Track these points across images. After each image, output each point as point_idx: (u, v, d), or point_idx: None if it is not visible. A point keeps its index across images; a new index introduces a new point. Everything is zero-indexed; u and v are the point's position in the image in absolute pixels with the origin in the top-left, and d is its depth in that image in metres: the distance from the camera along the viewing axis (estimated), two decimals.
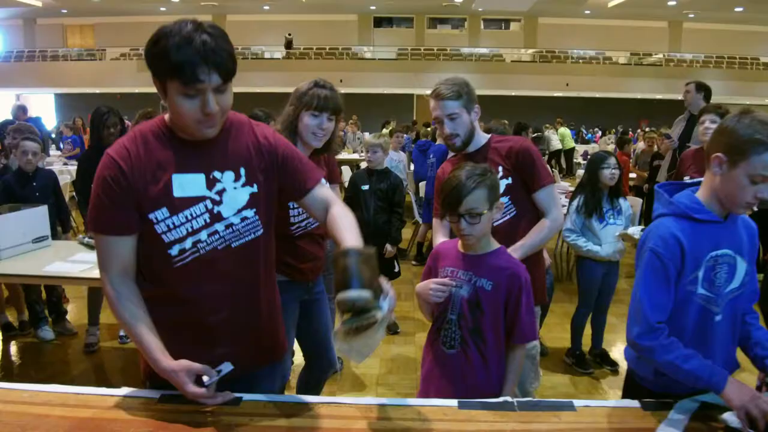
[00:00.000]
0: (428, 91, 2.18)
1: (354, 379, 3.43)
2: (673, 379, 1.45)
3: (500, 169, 2.12)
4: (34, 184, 3.76)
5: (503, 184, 2.10)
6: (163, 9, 19.48)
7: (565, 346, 3.69)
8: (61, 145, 11.25)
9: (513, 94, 21.05)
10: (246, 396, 1.46)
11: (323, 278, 2.39)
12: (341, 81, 15.03)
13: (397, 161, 6.24)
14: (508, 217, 2.15)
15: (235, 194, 1.45)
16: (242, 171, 1.46)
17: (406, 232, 6.53)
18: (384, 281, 1.28)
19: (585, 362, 3.53)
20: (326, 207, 1.54)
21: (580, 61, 21.73)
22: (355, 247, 1.26)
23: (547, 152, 11.55)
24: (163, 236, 1.39)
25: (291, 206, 2.11)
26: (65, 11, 20.89)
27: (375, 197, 3.94)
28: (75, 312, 4.39)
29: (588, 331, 3.61)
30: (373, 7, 21.52)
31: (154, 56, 1.28)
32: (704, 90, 4.85)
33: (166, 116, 1.43)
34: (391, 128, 7.16)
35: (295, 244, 2.17)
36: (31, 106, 21.42)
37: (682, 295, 1.46)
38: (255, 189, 1.47)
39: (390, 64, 21.36)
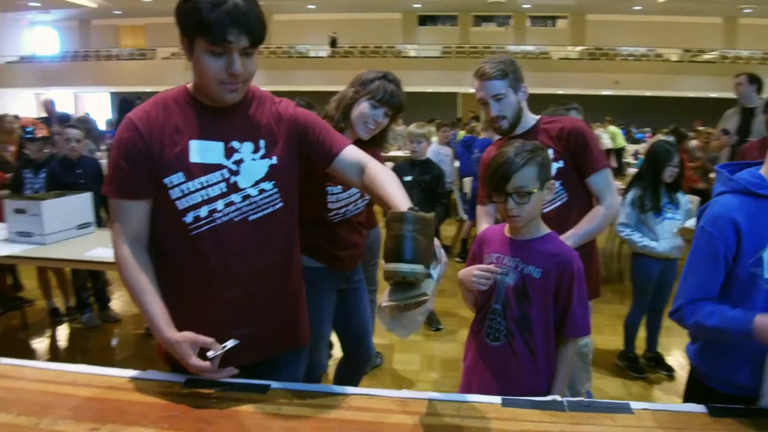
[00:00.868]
0: (473, 90, 2.06)
1: (394, 374, 3.34)
2: (745, 375, 1.33)
3: (551, 151, 1.97)
4: (78, 171, 3.81)
5: (554, 167, 1.95)
6: None
7: (617, 348, 3.49)
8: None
9: (560, 92, 20.50)
10: (274, 384, 1.38)
11: (362, 267, 2.30)
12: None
13: (443, 155, 6.12)
14: (558, 203, 2.00)
15: (254, 165, 1.40)
16: (261, 143, 1.41)
17: (451, 229, 6.41)
18: (438, 247, 1.16)
19: (638, 366, 3.32)
20: (361, 168, 1.44)
21: (630, 58, 21.02)
22: (413, 212, 1.12)
23: None
24: (177, 202, 1.35)
25: (329, 191, 2.03)
26: (118, 12, 21.54)
27: (418, 188, 3.83)
28: (120, 301, 4.45)
29: (642, 333, 3.40)
30: (417, 5, 21.43)
31: (185, 12, 1.27)
32: (757, 82, 4.62)
33: (189, 84, 1.40)
34: (437, 122, 7.03)
35: (333, 230, 2.09)
36: (87, 104, 22.30)
37: (746, 278, 1.34)
38: (274, 161, 1.42)
39: (434, 62, 21.20)
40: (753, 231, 1.32)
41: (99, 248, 3.08)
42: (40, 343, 3.88)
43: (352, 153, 1.46)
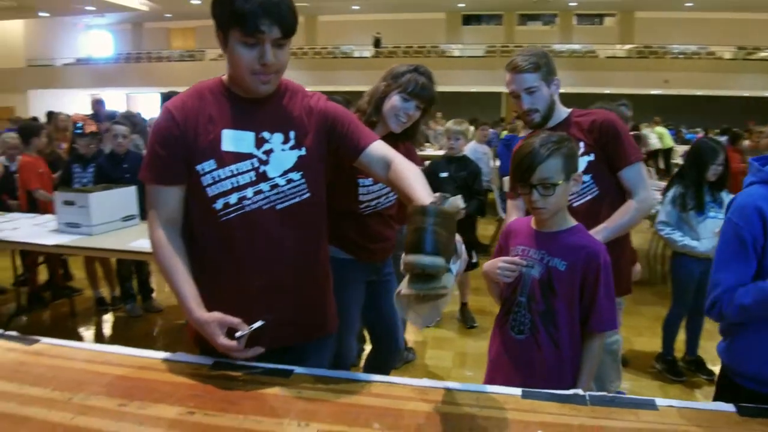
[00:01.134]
0: None
1: (425, 370, 3.34)
2: None
3: (582, 144, 1.95)
4: (125, 165, 3.96)
5: (585, 161, 1.93)
6: None
7: (656, 351, 3.40)
8: None
9: (607, 91, 20.02)
10: (297, 369, 1.41)
11: (394, 262, 2.32)
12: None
13: (481, 153, 6.08)
14: (589, 197, 1.97)
15: (283, 156, 1.44)
16: (292, 134, 1.45)
17: (489, 228, 6.36)
18: (459, 242, 1.16)
19: (677, 369, 3.23)
20: (387, 163, 1.45)
21: (681, 56, 20.33)
22: (436, 205, 1.12)
23: (644, 152, 11.01)
24: (208, 189, 1.40)
25: (360, 183, 2.05)
26: (169, 15, 22.18)
27: (454, 185, 3.81)
28: (163, 292, 4.58)
29: (682, 336, 3.30)
30: (461, 5, 21.30)
31: (220, 4, 1.32)
32: None
33: (224, 76, 1.45)
34: (477, 120, 7.00)
35: (363, 223, 2.11)
36: (139, 104, 23.06)
37: None
38: (303, 152, 1.46)
39: (477, 62, 21.02)
40: None
41: (142, 239, 3.19)
42: (86, 330, 4.06)
43: (379, 148, 1.48)
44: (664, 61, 20.05)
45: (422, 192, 1.30)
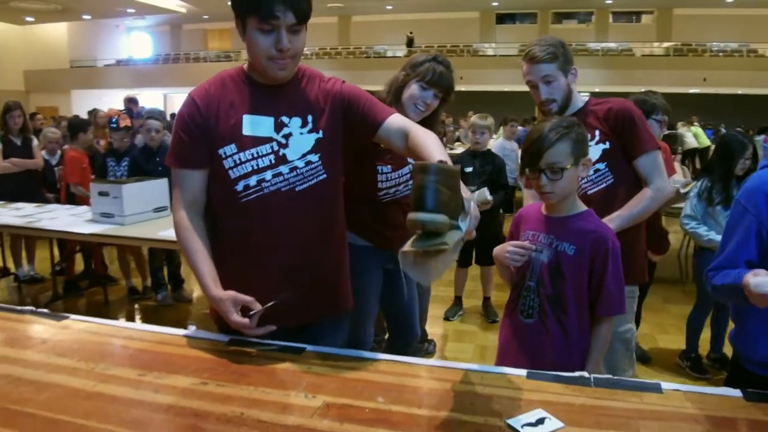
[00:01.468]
0: None
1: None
2: None
3: (597, 133, 1.95)
4: (158, 159, 4.09)
5: (600, 149, 1.93)
6: None
7: (680, 348, 3.35)
8: None
9: (643, 90, 19.65)
10: (309, 347, 1.46)
11: None
12: (461, 78, 14.86)
13: (509, 150, 6.05)
14: (604, 185, 1.97)
15: (301, 139, 1.49)
16: (309, 118, 1.50)
17: None
18: (467, 200, 1.16)
19: (701, 366, 3.18)
20: (405, 133, 1.47)
21: (720, 54, 19.76)
22: (436, 163, 1.13)
23: (680, 151, 10.84)
24: (230, 171, 1.46)
25: (379, 170, 2.08)
26: (206, 17, 22.62)
27: (479, 179, 3.82)
28: (193, 283, 4.71)
29: (707, 334, 3.25)
30: (495, 4, 21.15)
31: None
32: None
33: (245, 64, 1.51)
34: (507, 118, 6.94)
35: (381, 210, 2.14)
36: (176, 103, 23.56)
37: None
38: (320, 135, 1.51)
39: (511, 61, 20.75)
40: None
41: (172, 229, 3.28)
42: (118, 318, 4.20)
43: (396, 120, 1.51)
44: (702, 59, 19.51)
45: (434, 154, 1.30)
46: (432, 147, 1.34)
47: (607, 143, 1.95)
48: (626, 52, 20.39)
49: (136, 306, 4.42)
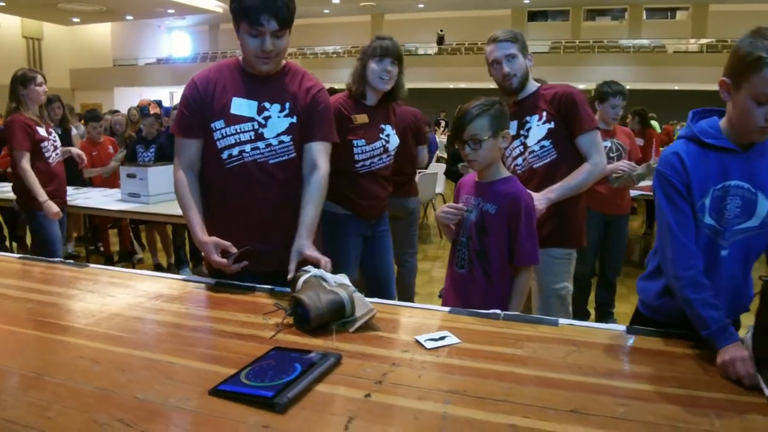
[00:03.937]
0: (582, 86, 2.30)
1: None
2: (671, 301, 1.42)
3: (544, 114, 2.22)
4: None
5: (546, 128, 2.20)
6: (326, 11, 20.90)
7: None
8: None
9: (675, 88, 19.39)
10: (278, 289, 1.78)
11: (403, 232, 2.61)
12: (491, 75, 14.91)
13: None
14: (548, 159, 2.22)
15: (278, 122, 1.83)
16: (287, 105, 1.84)
17: None
18: (323, 263, 1.60)
19: None
20: (312, 165, 1.83)
21: None
22: (294, 277, 1.59)
23: None
24: (218, 142, 1.81)
25: (354, 144, 2.38)
26: None
27: None
28: None
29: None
30: (527, 1, 21.09)
31: (234, 0, 1.71)
32: None
33: (241, 56, 1.86)
34: None
35: (357, 181, 2.44)
36: None
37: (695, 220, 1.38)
38: (294, 120, 1.84)
39: (542, 58, 20.66)
40: (698, 177, 1.36)
41: None
42: None
43: (318, 148, 1.84)
44: None
45: (303, 225, 1.75)
46: (307, 209, 1.77)
47: (553, 123, 2.21)
48: (659, 48, 20.11)
49: None
